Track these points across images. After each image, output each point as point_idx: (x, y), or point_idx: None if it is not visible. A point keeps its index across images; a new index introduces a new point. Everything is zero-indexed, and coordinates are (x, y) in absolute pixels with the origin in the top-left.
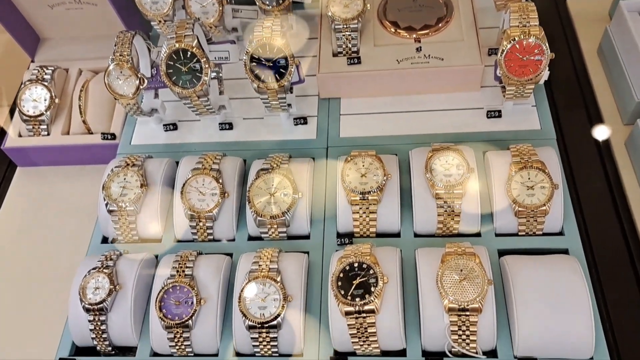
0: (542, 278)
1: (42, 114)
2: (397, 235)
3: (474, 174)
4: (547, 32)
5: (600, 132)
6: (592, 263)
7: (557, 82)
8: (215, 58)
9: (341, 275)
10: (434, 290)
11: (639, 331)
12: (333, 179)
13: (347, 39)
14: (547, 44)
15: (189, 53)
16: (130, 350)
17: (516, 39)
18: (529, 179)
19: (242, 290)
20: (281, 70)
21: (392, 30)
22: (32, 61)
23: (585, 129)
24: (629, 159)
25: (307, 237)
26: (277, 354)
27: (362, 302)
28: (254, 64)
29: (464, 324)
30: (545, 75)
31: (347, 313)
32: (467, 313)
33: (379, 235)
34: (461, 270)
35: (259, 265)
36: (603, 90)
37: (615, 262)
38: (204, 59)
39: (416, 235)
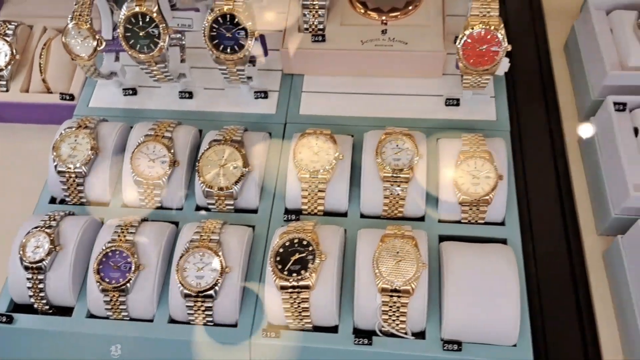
0: (475, 265)
1: (1, 70)
2: (345, 215)
3: (423, 159)
4: (517, 26)
5: (556, 128)
6: (531, 254)
7: (520, 75)
8: (178, 25)
9: (281, 250)
10: (369, 271)
11: (570, 322)
12: (288, 155)
13: (313, 15)
14: (504, 35)
15: (148, 17)
16: (69, 311)
17: (474, 28)
18: (475, 168)
19: (180, 259)
20: (240, 42)
21: (362, 10)
22: None
23: (541, 124)
24: (581, 161)
25: (255, 211)
26: (212, 323)
27: (298, 277)
28: (214, 33)
29: (395, 305)
30: (504, 67)
31: (282, 287)
32: (399, 294)
33: (327, 214)
34: (397, 252)
35: (200, 236)
36: (564, 87)
37: (554, 255)
38: (163, 25)
39: (362, 216)
